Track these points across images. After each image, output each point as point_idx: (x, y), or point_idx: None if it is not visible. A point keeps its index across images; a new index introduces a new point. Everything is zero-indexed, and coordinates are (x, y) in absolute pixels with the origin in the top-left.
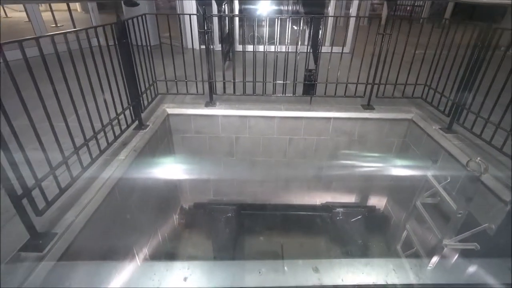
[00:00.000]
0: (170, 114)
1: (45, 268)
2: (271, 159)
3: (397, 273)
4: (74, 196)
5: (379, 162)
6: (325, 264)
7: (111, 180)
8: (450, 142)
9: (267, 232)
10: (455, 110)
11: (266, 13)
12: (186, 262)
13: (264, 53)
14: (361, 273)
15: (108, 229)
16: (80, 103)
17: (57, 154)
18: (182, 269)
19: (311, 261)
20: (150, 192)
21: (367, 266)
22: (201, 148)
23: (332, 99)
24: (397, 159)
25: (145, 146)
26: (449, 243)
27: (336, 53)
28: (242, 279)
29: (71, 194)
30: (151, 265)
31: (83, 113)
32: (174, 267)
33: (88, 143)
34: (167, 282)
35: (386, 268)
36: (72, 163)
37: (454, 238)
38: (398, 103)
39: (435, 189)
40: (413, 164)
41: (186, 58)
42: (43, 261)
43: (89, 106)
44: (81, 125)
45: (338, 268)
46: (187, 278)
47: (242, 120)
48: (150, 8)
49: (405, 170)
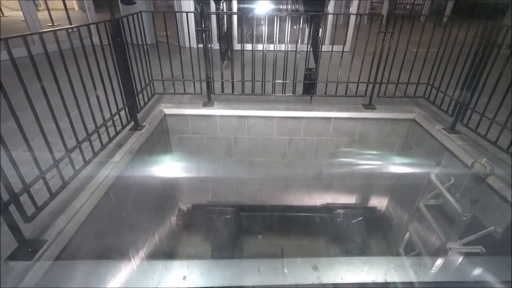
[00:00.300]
0: (167, 115)
1: (35, 276)
2: (271, 160)
3: (396, 271)
4: (66, 201)
5: (380, 162)
6: (325, 263)
7: (105, 183)
8: (454, 143)
9: (266, 234)
10: (459, 109)
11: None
12: (185, 261)
13: (263, 51)
14: (360, 272)
15: (102, 234)
16: (72, 104)
17: (47, 156)
18: (181, 268)
19: (310, 260)
20: (147, 194)
21: (366, 264)
22: (199, 149)
23: (333, 99)
24: (399, 159)
25: (141, 148)
26: (454, 246)
27: (336, 51)
28: (241, 277)
29: (63, 199)
30: (150, 265)
31: (76, 114)
32: (173, 266)
33: (80, 145)
34: (166, 281)
35: (386, 267)
36: (64, 166)
37: (458, 241)
38: (400, 103)
39: (438, 190)
40: (415, 165)
41: (184, 57)
42: (32, 270)
43: (82, 107)
44: (73, 126)
45: (337, 266)
46: (186, 277)
47: (241, 120)
48: (147, 6)
49: (407, 171)
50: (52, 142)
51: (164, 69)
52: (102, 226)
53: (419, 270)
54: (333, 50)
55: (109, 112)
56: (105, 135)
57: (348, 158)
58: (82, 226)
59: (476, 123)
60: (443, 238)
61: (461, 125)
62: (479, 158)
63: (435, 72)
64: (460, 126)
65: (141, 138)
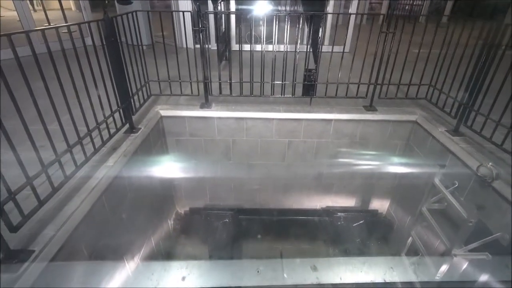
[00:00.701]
0: (164, 116)
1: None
2: (270, 163)
3: (395, 271)
4: (56, 208)
5: (381, 165)
6: (324, 263)
7: (98, 188)
8: (458, 145)
9: (265, 238)
10: (462, 111)
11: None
12: (184, 261)
13: (262, 52)
14: (359, 272)
15: (96, 242)
16: (63, 107)
17: (36, 161)
18: (180, 269)
19: (309, 260)
20: (142, 199)
21: (365, 264)
22: (197, 151)
23: (333, 100)
24: (401, 162)
25: (136, 151)
26: (459, 253)
27: (337, 52)
28: (241, 278)
29: (53, 205)
30: (149, 265)
31: (67, 117)
32: (172, 266)
33: (72, 149)
34: (165, 282)
35: (384, 266)
36: (54, 172)
37: (464, 248)
38: (401, 104)
39: (442, 194)
40: (417, 167)
41: (181, 58)
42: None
43: (75, 110)
44: (63, 130)
45: (336, 266)
46: (185, 278)
47: (239, 122)
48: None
49: (409, 174)
50: (42, 147)
51: (161, 70)
52: (95, 234)
53: (417, 269)
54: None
55: (103, 114)
56: (98, 138)
57: (349, 160)
58: (73, 234)
59: (480, 125)
60: (447, 243)
61: (464, 127)
62: (484, 161)
63: (437, 73)
64: (463, 129)
65: (137, 141)
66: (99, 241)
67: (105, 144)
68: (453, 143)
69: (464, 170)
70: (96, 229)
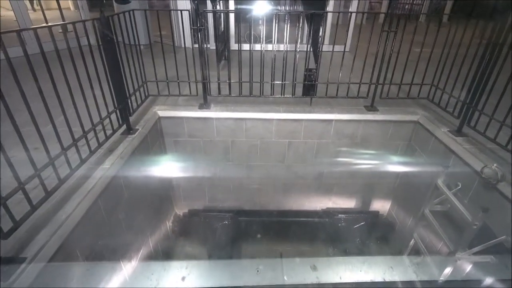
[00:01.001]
0: (162, 117)
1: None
2: (269, 164)
3: (395, 270)
4: (50, 212)
5: (383, 166)
6: (323, 262)
7: (94, 191)
8: (461, 146)
9: (265, 240)
10: (466, 111)
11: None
12: (184, 261)
13: (261, 52)
14: (359, 271)
15: (92, 246)
16: (57, 108)
17: (29, 165)
18: (180, 269)
19: (309, 260)
20: (140, 201)
21: (365, 263)
22: (196, 152)
23: (334, 100)
24: (403, 163)
25: (133, 152)
26: (463, 256)
27: (337, 51)
28: (240, 277)
29: (47, 210)
30: (148, 265)
31: (62, 119)
32: (172, 266)
33: (66, 151)
34: (165, 282)
35: (384, 266)
36: (48, 175)
37: (467, 251)
38: (403, 104)
39: (445, 196)
40: (419, 168)
41: (179, 57)
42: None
43: (70, 111)
44: (57, 132)
45: (336, 266)
46: (185, 278)
47: (238, 122)
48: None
49: (411, 175)
50: (36, 149)
51: (159, 70)
52: (90, 239)
53: (418, 269)
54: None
55: (99, 115)
56: (94, 140)
57: (350, 161)
58: (68, 239)
59: (484, 125)
60: (450, 246)
61: (468, 128)
62: (489, 163)
63: (439, 72)
64: (467, 129)
65: (134, 142)
66: (94, 246)
67: (101, 145)
68: (456, 144)
69: (468, 171)
70: (92, 234)
